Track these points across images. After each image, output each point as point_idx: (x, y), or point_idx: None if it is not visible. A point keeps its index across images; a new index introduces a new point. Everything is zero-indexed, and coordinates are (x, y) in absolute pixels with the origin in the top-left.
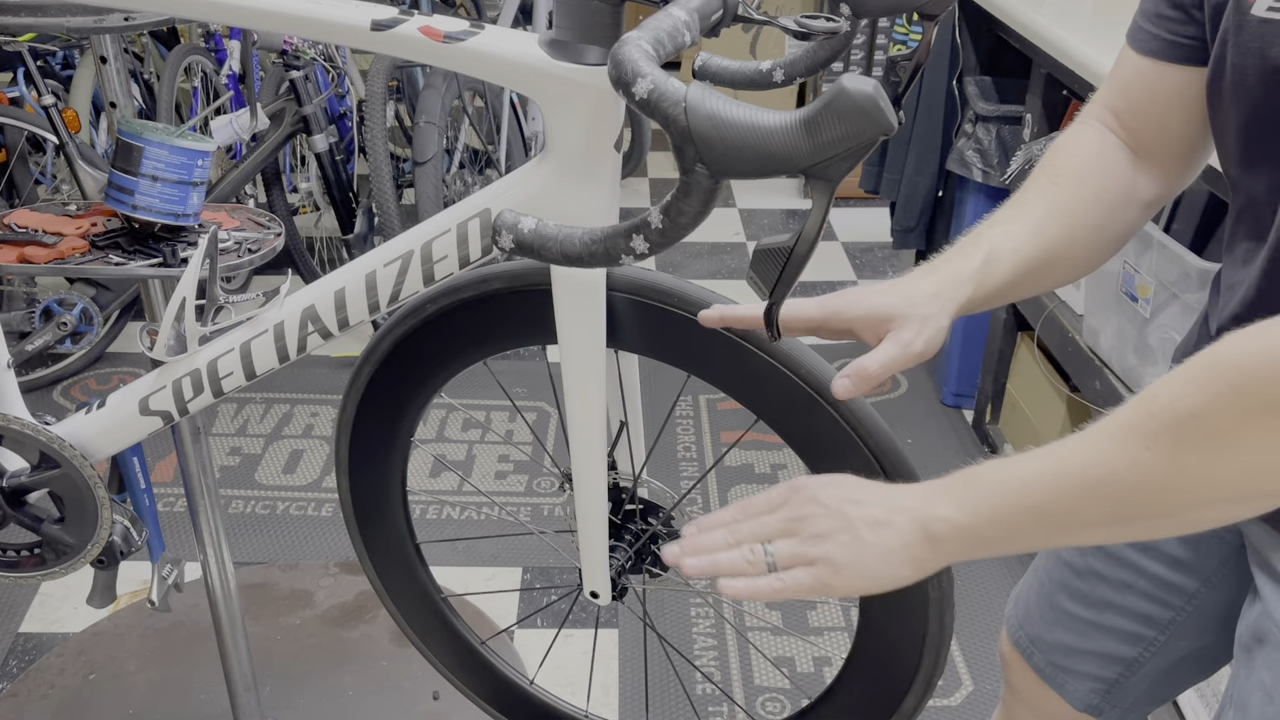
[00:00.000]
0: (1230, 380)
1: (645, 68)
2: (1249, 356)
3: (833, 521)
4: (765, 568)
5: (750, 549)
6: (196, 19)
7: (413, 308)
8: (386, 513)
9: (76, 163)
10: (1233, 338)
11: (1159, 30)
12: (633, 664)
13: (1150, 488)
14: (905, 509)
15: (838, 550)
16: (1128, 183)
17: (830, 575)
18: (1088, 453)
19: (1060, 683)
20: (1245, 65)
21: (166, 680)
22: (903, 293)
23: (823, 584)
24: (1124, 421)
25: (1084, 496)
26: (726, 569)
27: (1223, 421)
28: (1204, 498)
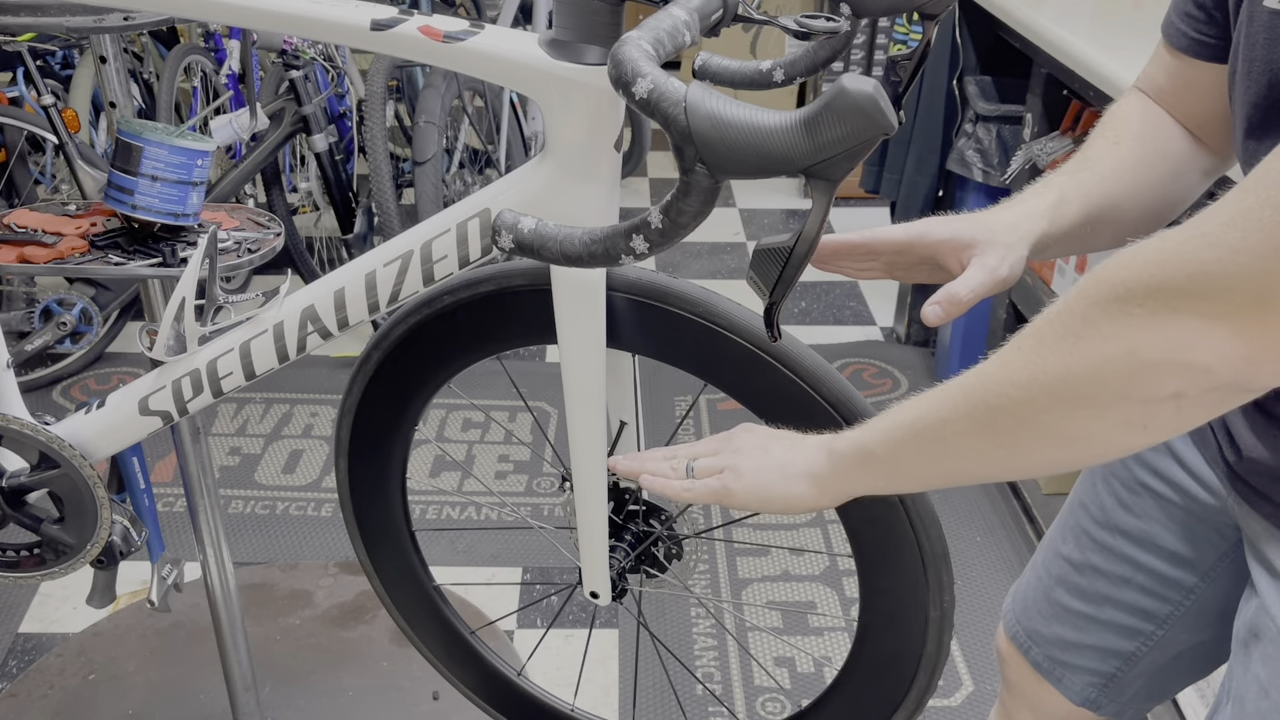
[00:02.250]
0: (1094, 274)
1: (645, 67)
2: (1118, 255)
3: (751, 440)
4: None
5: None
6: (196, 19)
7: (428, 298)
8: (384, 499)
9: (76, 163)
10: None
11: (1186, 28)
12: (632, 665)
13: (1010, 386)
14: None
15: (744, 460)
16: (1186, 148)
17: (732, 480)
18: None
19: (1058, 677)
20: (1253, 56)
21: (166, 680)
22: (984, 222)
23: (724, 487)
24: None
25: (956, 403)
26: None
27: (1078, 311)
28: (1055, 398)
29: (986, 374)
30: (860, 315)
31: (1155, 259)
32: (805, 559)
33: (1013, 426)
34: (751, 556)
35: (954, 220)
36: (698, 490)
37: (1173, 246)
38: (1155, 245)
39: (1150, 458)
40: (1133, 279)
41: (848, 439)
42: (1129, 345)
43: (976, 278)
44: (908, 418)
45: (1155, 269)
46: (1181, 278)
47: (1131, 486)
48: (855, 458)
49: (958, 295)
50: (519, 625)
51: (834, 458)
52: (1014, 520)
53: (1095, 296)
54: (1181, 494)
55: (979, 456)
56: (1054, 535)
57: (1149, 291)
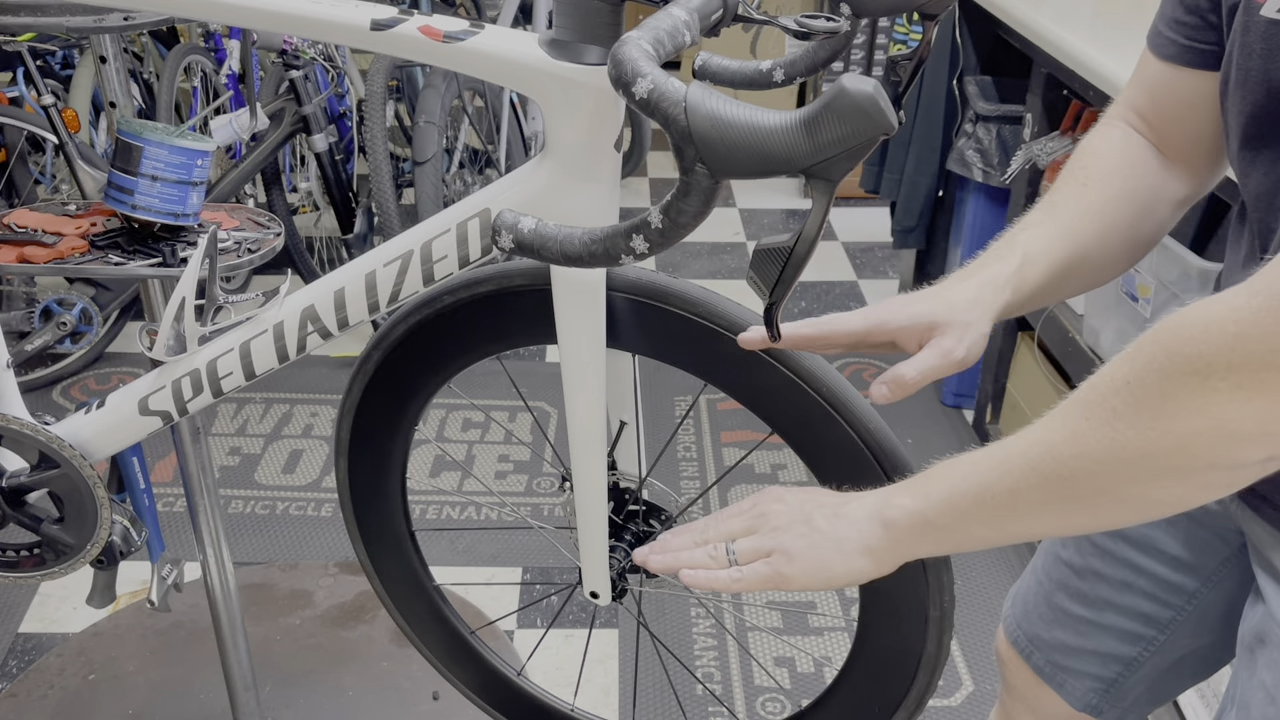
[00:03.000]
0: (1163, 345)
1: (645, 67)
2: (1182, 324)
3: (791, 515)
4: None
5: (714, 547)
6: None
7: (428, 298)
8: (384, 499)
9: (76, 163)
10: (1175, 311)
11: (1176, 35)
12: (632, 665)
13: (1086, 460)
14: (861, 502)
15: (793, 540)
16: (1157, 182)
17: (784, 564)
18: (1034, 432)
19: (1059, 682)
20: (1249, 66)
21: (166, 680)
22: (944, 299)
23: (778, 573)
24: (1071, 400)
25: (1025, 475)
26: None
27: (1153, 385)
28: (1139, 471)
29: (1055, 446)
30: None
31: (1232, 331)
32: None
33: (1092, 495)
34: None
35: (913, 303)
36: (749, 580)
37: (1250, 318)
38: (1228, 315)
39: None
40: (1211, 353)
41: (901, 509)
42: (1216, 420)
43: (927, 361)
44: (969, 488)
45: (1234, 342)
46: (1264, 350)
47: None
48: (914, 529)
49: (903, 378)
50: (519, 625)
51: (890, 529)
52: None
53: (1169, 370)
54: None
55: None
56: (1054, 540)
57: (1231, 366)
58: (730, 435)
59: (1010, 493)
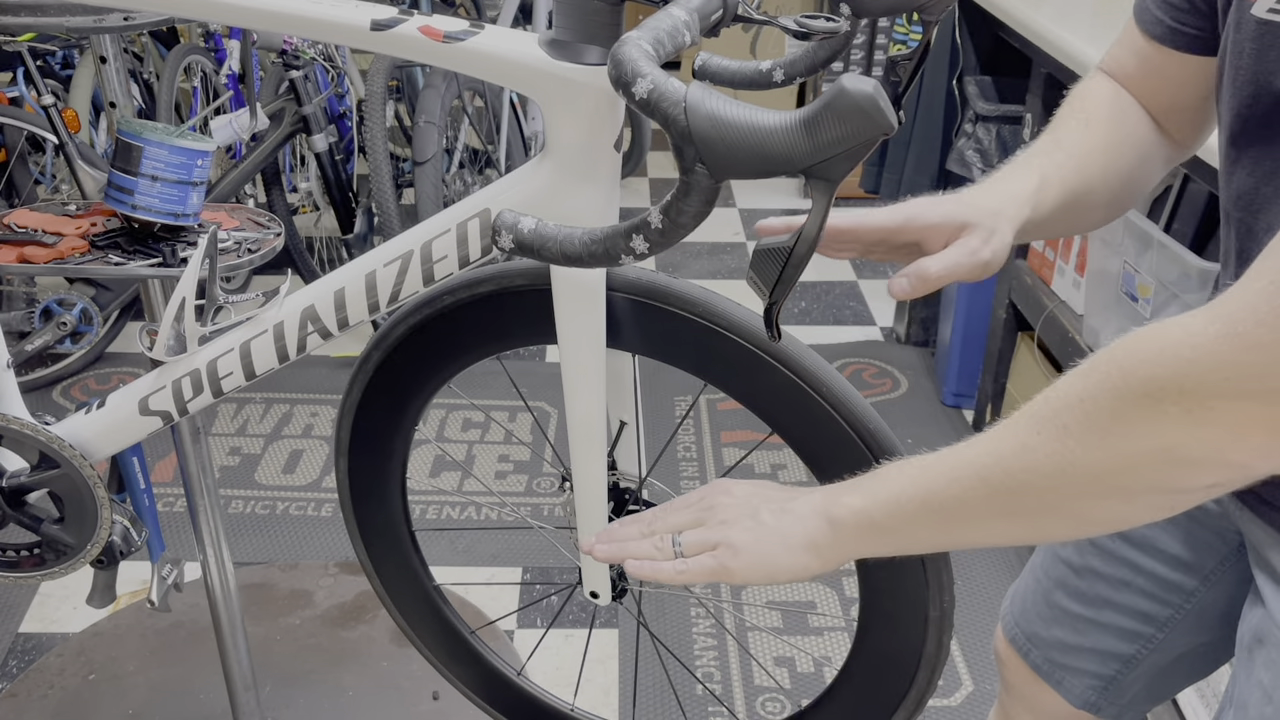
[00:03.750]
0: (1118, 364)
1: (645, 67)
2: (1138, 345)
3: (738, 509)
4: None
5: (660, 538)
6: (196, 19)
7: (428, 298)
8: (384, 499)
9: (76, 163)
10: (1133, 331)
11: (1163, 15)
12: (632, 665)
13: (1034, 474)
14: (808, 500)
15: (738, 534)
16: (1152, 136)
17: (729, 558)
18: (984, 442)
19: (1058, 680)
20: (1239, 64)
21: (166, 680)
22: (972, 204)
23: (722, 566)
24: (1023, 412)
25: (972, 484)
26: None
27: (1105, 404)
28: (1085, 489)
29: (1005, 458)
30: (860, 315)
31: (1187, 357)
32: None
33: (1037, 509)
34: None
35: (941, 203)
36: (693, 572)
37: (1206, 345)
38: (1184, 340)
39: None
40: (1164, 376)
41: (848, 508)
42: (1164, 444)
43: (953, 256)
44: (916, 492)
45: (1188, 368)
46: (1217, 379)
47: None
48: (859, 528)
49: (928, 272)
50: (519, 625)
51: (836, 527)
52: None
53: (1123, 391)
54: None
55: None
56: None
57: (1183, 392)
58: (730, 435)
59: (957, 500)
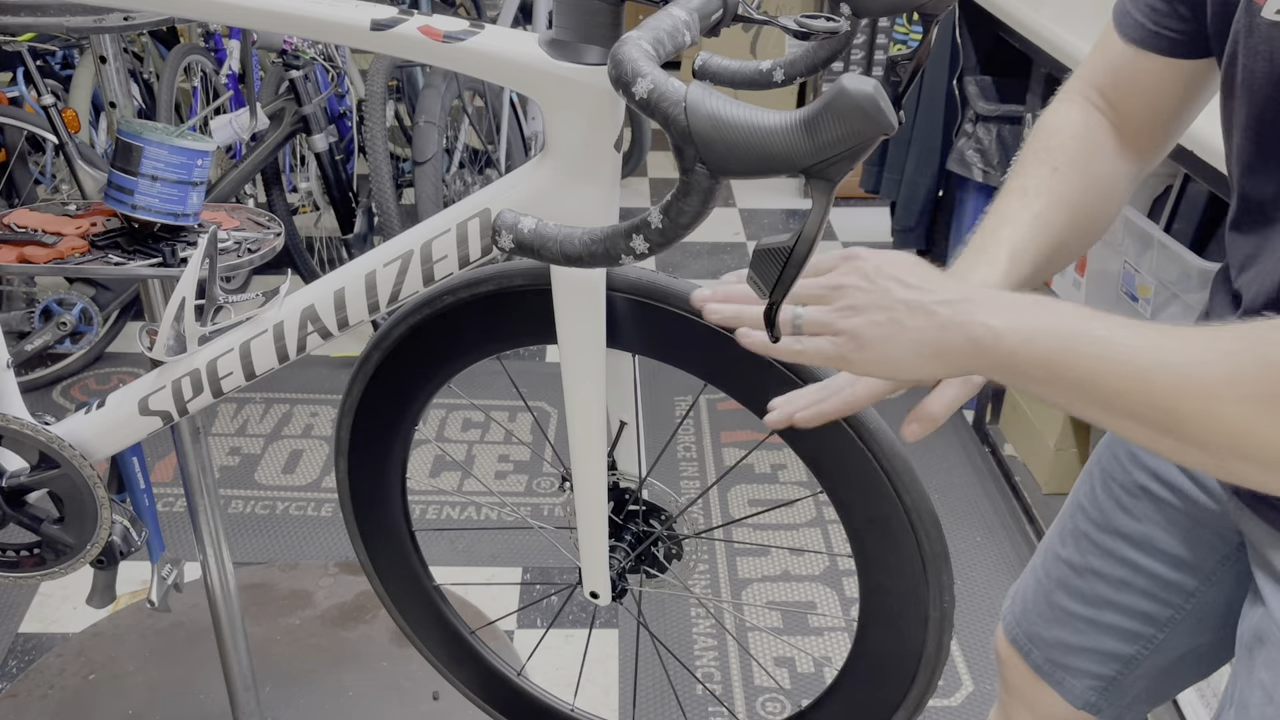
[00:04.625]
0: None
1: (645, 67)
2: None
3: (872, 297)
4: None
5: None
6: (196, 19)
7: (428, 298)
8: (384, 499)
9: (76, 163)
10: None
11: (1144, 19)
12: (632, 665)
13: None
14: (951, 302)
15: (868, 328)
16: (1117, 164)
17: (853, 349)
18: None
19: (1058, 680)
20: (1254, 67)
21: (166, 680)
22: None
23: (843, 356)
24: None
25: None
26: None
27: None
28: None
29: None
30: None
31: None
32: (805, 559)
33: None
34: (751, 556)
35: None
36: (809, 354)
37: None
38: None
39: (1150, 461)
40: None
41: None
42: None
43: (951, 392)
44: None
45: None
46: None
47: (1131, 490)
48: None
49: (933, 414)
50: (519, 625)
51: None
52: (1014, 520)
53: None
54: (1182, 498)
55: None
56: (1053, 538)
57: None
58: (730, 435)
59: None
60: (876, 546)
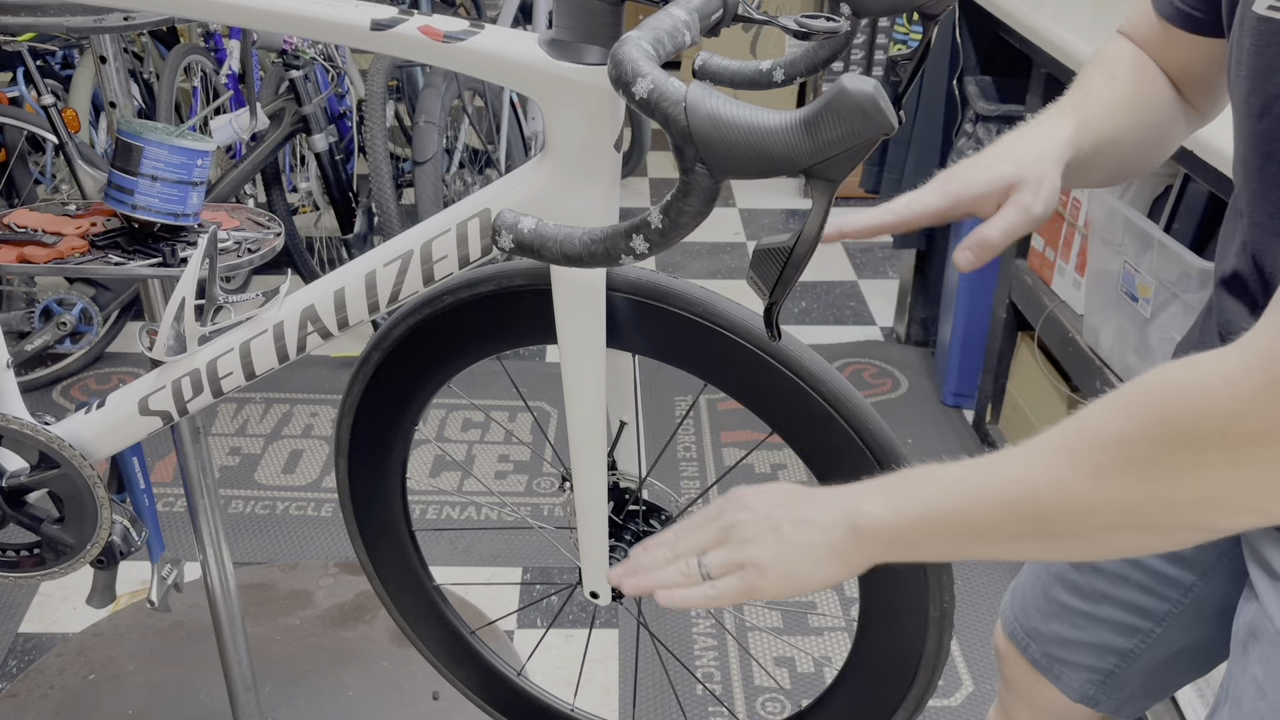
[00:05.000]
0: (1157, 411)
1: (645, 67)
2: (1179, 388)
3: (758, 526)
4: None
5: (685, 562)
6: (196, 19)
7: (428, 298)
8: (384, 499)
9: (76, 163)
10: (1166, 368)
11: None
12: (632, 665)
13: (1068, 508)
14: (829, 506)
15: (762, 551)
16: (1173, 95)
17: (757, 577)
18: (1014, 468)
19: (1056, 674)
20: (1241, 60)
21: (166, 680)
22: (1014, 158)
23: (751, 586)
24: (1053, 441)
25: (1002, 510)
26: (663, 583)
27: (1145, 450)
28: (1119, 523)
29: (1037, 489)
30: (860, 315)
31: (1229, 409)
32: None
33: (1066, 537)
34: None
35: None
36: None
37: (1248, 396)
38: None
39: None
40: (1206, 428)
41: (872, 519)
42: (1206, 492)
43: (1010, 218)
44: (944, 510)
45: (1230, 420)
46: (1261, 430)
47: None
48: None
49: (989, 240)
50: (519, 625)
51: (859, 537)
52: None
53: (1163, 440)
54: None
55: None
56: None
57: (1225, 442)
58: (730, 435)
59: (986, 524)
60: None
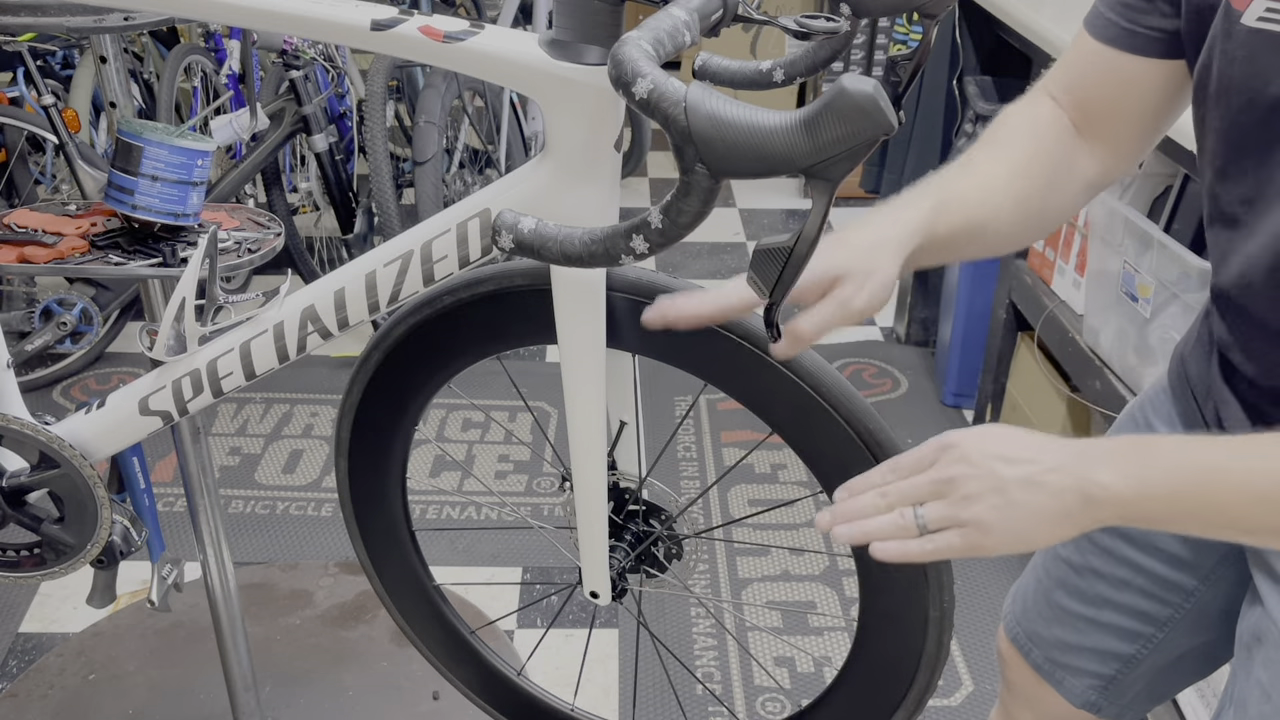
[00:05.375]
0: None
1: (645, 67)
2: None
3: (982, 482)
4: (916, 531)
5: (900, 513)
6: (196, 19)
7: (428, 298)
8: (384, 499)
9: (76, 163)
10: None
11: (1118, 18)
12: (632, 665)
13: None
14: (1059, 468)
15: (988, 512)
16: (1070, 159)
17: (980, 536)
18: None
19: (1058, 679)
20: (1230, 73)
21: (166, 680)
22: (846, 246)
23: (973, 545)
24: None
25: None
26: (877, 534)
27: None
28: None
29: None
30: None
31: None
32: (805, 559)
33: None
34: (751, 556)
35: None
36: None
37: None
38: None
39: None
40: None
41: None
42: None
43: (825, 313)
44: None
45: None
46: None
47: None
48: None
49: (799, 331)
50: (519, 625)
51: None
52: None
53: None
54: None
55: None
56: None
57: None
58: (730, 435)
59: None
60: None
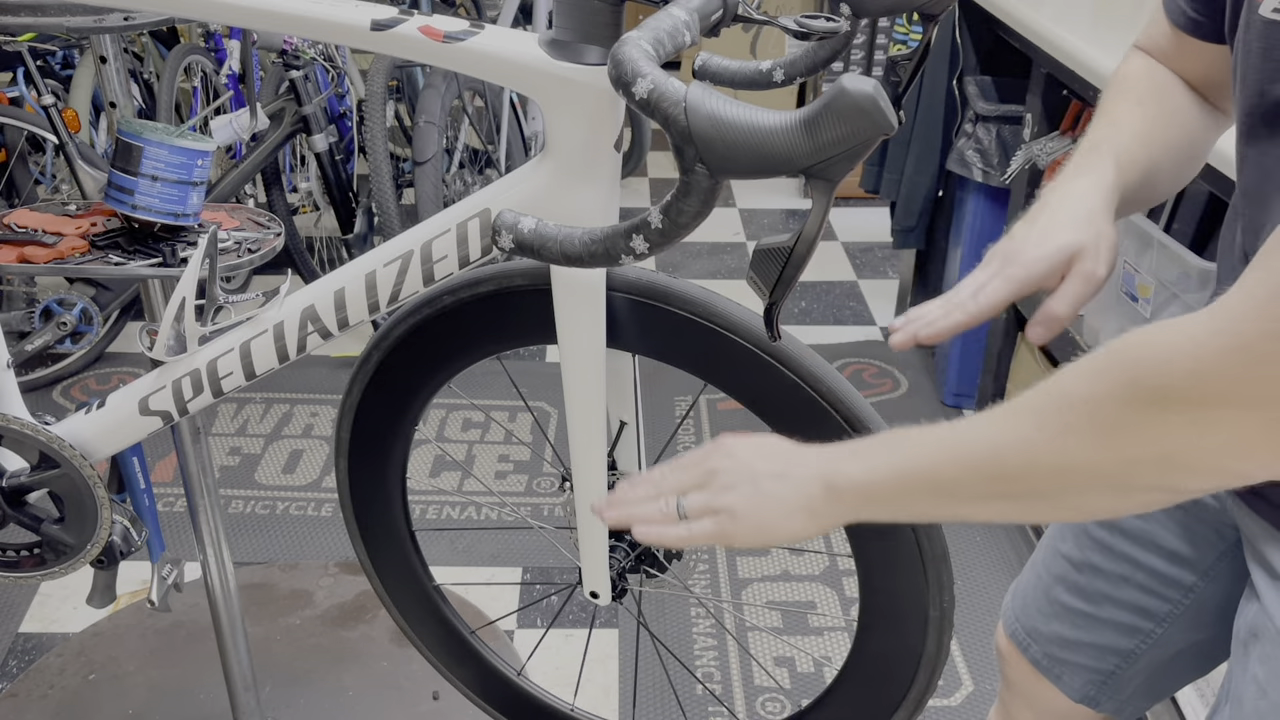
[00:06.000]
0: (1126, 371)
1: (645, 67)
2: (1144, 350)
3: (738, 474)
4: (675, 518)
5: (665, 501)
6: (196, 19)
7: (428, 298)
8: (384, 499)
9: (76, 163)
10: (1137, 331)
11: (1185, 6)
12: (632, 665)
13: (1032, 468)
14: (807, 463)
15: (738, 501)
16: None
17: (729, 523)
18: (984, 428)
19: (1057, 674)
20: (1247, 64)
21: (166, 680)
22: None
23: (722, 531)
24: (1023, 402)
25: (970, 470)
26: (640, 518)
27: (1110, 410)
28: (1083, 484)
29: (1003, 449)
30: (860, 315)
31: (1192, 369)
32: (805, 559)
33: (1032, 496)
34: (751, 556)
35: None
36: (696, 536)
37: (1211, 357)
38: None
39: None
40: (1169, 386)
41: (847, 478)
42: (1167, 450)
43: (1076, 290)
44: (915, 469)
45: (1193, 380)
46: (1223, 390)
47: None
48: (858, 498)
49: (1058, 315)
50: (519, 625)
51: (834, 494)
52: None
53: (1128, 398)
54: None
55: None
56: (1053, 534)
57: (1189, 402)
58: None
59: (954, 482)
60: (876, 546)
